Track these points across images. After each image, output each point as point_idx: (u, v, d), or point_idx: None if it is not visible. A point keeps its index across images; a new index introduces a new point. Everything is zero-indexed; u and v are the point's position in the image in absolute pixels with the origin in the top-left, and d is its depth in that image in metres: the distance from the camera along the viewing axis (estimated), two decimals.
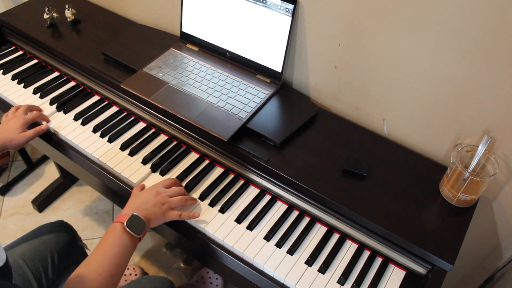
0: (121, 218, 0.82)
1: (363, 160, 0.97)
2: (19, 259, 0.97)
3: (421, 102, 0.96)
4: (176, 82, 1.11)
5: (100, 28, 1.33)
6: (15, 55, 1.32)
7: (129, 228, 0.80)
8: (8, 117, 1.05)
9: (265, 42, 1.07)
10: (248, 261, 0.87)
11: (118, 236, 0.79)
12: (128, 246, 0.80)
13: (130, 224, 0.80)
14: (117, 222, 0.81)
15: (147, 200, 0.87)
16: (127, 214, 0.82)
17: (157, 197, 0.88)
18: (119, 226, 0.80)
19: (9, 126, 1.01)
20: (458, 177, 0.87)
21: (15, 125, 1.01)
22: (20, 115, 1.04)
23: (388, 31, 0.91)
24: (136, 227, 0.81)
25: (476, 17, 0.79)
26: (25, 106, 1.07)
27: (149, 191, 0.89)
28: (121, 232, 0.79)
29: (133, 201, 0.88)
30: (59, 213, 1.73)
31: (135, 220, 0.81)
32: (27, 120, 1.03)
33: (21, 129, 1.01)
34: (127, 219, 0.81)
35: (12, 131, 1.00)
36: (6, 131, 1.00)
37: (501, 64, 0.81)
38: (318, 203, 0.92)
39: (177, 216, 0.89)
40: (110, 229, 0.81)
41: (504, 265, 1.07)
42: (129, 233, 0.80)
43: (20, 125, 1.01)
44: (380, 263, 0.88)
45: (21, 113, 1.05)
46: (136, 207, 0.85)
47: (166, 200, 0.88)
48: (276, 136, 0.99)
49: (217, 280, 1.45)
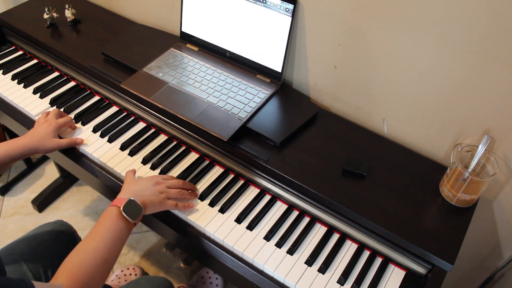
0: (117, 202, 0.81)
1: (363, 160, 0.97)
2: (19, 259, 0.97)
3: (421, 102, 0.96)
4: (176, 82, 1.11)
5: (100, 28, 1.33)
6: (15, 55, 1.32)
7: (126, 213, 0.80)
8: (40, 121, 1.04)
9: (265, 42, 1.07)
10: (248, 261, 0.87)
11: (114, 221, 0.79)
12: (123, 231, 0.80)
13: (127, 209, 0.80)
14: (114, 205, 0.81)
15: (146, 187, 0.87)
16: (124, 199, 0.82)
17: (156, 186, 0.89)
18: (115, 210, 0.80)
19: (41, 130, 1.00)
20: (458, 177, 0.87)
21: (47, 129, 1.00)
22: (51, 119, 1.03)
23: (388, 31, 0.91)
24: (133, 212, 0.81)
25: (476, 17, 0.79)
26: (56, 111, 1.06)
27: (149, 179, 0.90)
28: (117, 217, 0.79)
29: (130, 186, 0.88)
30: (59, 213, 1.73)
31: (132, 205, 0.82)
32: (59, 125, 1.03)
33: (53, 134, 1.01)
34: (124, 203, 0.81)
35: (44, 135, 0.99)
36: (38, 135, 0.99)
37: (501, 64, 0.81)
38: (318, 203, 0.92)
39: (173, 206, 0.90)
40: (106, 213, 0.80)
41: (504, 265, 1.07)
42: (125, 218, 0.80)
43: (52, 129, 1.00)
44: (380, 263, 0.88)
45: (53, 117, 1.04)
46: (133, 192, 0.85)
47: (165, 190, 0.89)
48: (276, 136, 0.99)
49: (217, 280, 1.45)
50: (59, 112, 1.07)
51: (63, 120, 1.04)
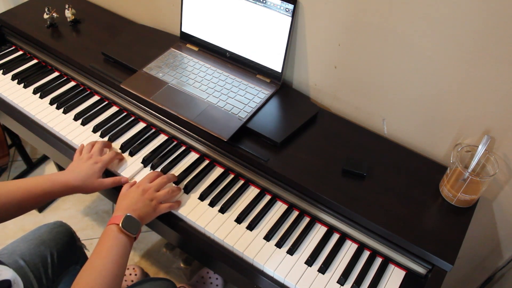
0: (115, 220, 0.82)
1: (363, 160, 0.97)
2: (19, 260, 0.97)
3: (421, 102, 0.96)
4: (176, 82, 1.11)
5: (100, 28, 1.33)
6: (15, 55, 1.32)
7: (125, 229, 0.80)
8: (84, 158, 0.95)
9: (265, 42, 1.07)
10: (248, 261, 0.87)
11: (116, 237, 0.79)
12: (126, 246, 0.80)
13: (125, 224, 0.81)
14: (112, 224, 0.81)
15: (136, 200, 0.87)
16: (120, 216, 0.82)
17: (145, 195, 0.88)
18: (115, 228, 0.80)
19: (86, 169, 0.92)
20: (458, 177, 0.87)
21: (93, 169, 0.92)
22: (96, 156, 0.96)
23: (388, 31, 0.91)
24: (131, 227, 0.82)
25: (476, 17, 0.79)
26: (100, 144, 0.99)
27: (135, 190, 0.89)
28: (118, 233, 0.80)
29: (122, 202, 0.88)
30: (59, 213, 1.73)
31: (129, 221, 0.82)
32: (105, 163, 0.95)
33: (99, 175, 0.93)
34: (121, 220, 0.81)
35: (90, 176, 0.91)
36: (82, 174, 0.91)
37: (501, 64, 0.81)
38: (318, 203, 0.92)
39: (168, 209, 0.90)
40: (106, 232, 0.81)
41: (504, 265, 1.07)
42: (126, 233, 0.80)
43: (98, 169, 0.93)
44: (380, 263, 0.88)
45: (98, 153, 0.96)
46: (126, 208, 0.85)
47: (154, 196, 0.89)
48: (276, 136, 0.99)
49: (217, 280, 1.45)
50: (103, 146, 1.00)
51: (109, 157, 0.97)
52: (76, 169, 0.92)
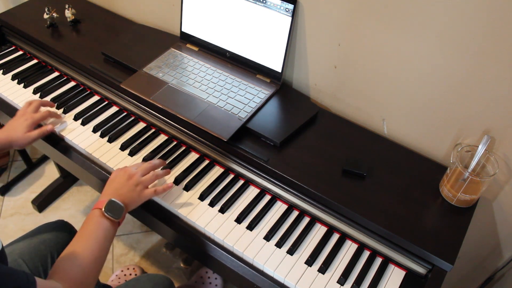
0: (99, 204, 0.84)
1: (363, 160, 0.97)
2: (18, 259, 0.97)
3: (421, 102, 0.96)
4: (176, 82, 1.11)
5: (100, 28, 1.33)
6: (15, 55, 1.32)
7: (108, 213, 0.82)
8: (19, 113, 1.03)
9: (265, 42, 1.07)
10: (248, 261, 0.87)
11: (98, 222, 0.81)
12: (109, 229, 0.82)
13: (108, 209, 0.83)
14: (96, 208, 0.83)
15: (122, 185, 0.88)
16: (104, 200, 0.83)
17: (130, 180, 0.89)
18: (97, 212, 0.82)
19: (16, 125, 1.00)
20: (458, 177, 0.87)
21: (22, 124, 1.00)
22: (29, 113, 1.03)
23: (388, 31, 0.91)
24: (114, 212, 0.83)
25: (477, 17, 0.79)
26: (36, 103, 1.05)
27: (121, 176, 0.90)
28: (100, 217, 0.82)
29: (108, 187, 0.89)
30: (59, 213, 1.73)
31: (113, 205, 0.84)
32: (35, 120, 1.02)
33: (27, 129, 1.00)
34: (104, 204, 0.83)
35: (19, 131, 0.99)
36: (12, 130, 0.99)
37: (501, 64, 0.81)
38: (318, 203, 0.92)
39: (153, 194, 0.91)
40: (89, 216, 0.83)
41: (504, 265, 1.07)
42: (108, 217, 0.82)
43: (27, 124, 1.00)
44: (380, 263, 0.88)
45: (31, 110, 1.03)
46: (112, 193, 0.87)
47: (139, 181, 0.90)
48: (276, 136, 0.99)
49: (217, 280, 1.45)
50: (39, 104, 1.06)
51: (41, 115, 1.03)
52: (8, 127, 1.01)
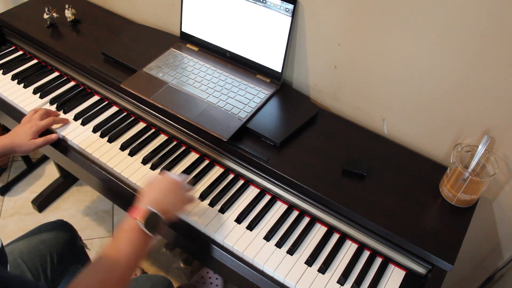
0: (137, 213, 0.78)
1: (363, 160, 0.97)
2: (17, 258, 0.97)
3: (421, 102, 0.96)
4: (176, 82, 1.11)
5: (100, 28, 1.33)
6: (15, 55, 1.32)
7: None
8: (24, 120, 1.04)
9: (265, 42, 1.07)
10: (248, 261, 0.87)
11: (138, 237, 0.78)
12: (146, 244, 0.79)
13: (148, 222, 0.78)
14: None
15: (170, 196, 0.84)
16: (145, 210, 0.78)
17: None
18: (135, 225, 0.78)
19: (22, 131, 1.01)
20: (458, 177, 0.87)
21: (28, 131, 1.01)
22: (34, 120, 1.03)
23: (388, 31, 0.91)
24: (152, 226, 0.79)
25: (477, 18, 0.79)
26: (42, 111, 1.06)
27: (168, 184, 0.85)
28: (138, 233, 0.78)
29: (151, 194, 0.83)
30: (59, 213, 1.73)
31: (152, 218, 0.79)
32: (40, 128, 1.03)
33: (32, 136, 1.01)
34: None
35: (24, 137, 1.00)
36: (17, 136, 1.01)
37: (501, 64, 0.81)
38: (318, 203, 0.92)
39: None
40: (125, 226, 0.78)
41: (504, 265, 1.07)
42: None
43: (32, 132, 1.01)
44: (380, 263, 0.88)
45: (37, 118, 1.04)
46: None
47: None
48: (276, 136, 0.99)
49: (217, 280, 1.45)
50: (46, 113, 1.06)
51: (46, 122, 1.04)
52: (13, 133, 1.02)
